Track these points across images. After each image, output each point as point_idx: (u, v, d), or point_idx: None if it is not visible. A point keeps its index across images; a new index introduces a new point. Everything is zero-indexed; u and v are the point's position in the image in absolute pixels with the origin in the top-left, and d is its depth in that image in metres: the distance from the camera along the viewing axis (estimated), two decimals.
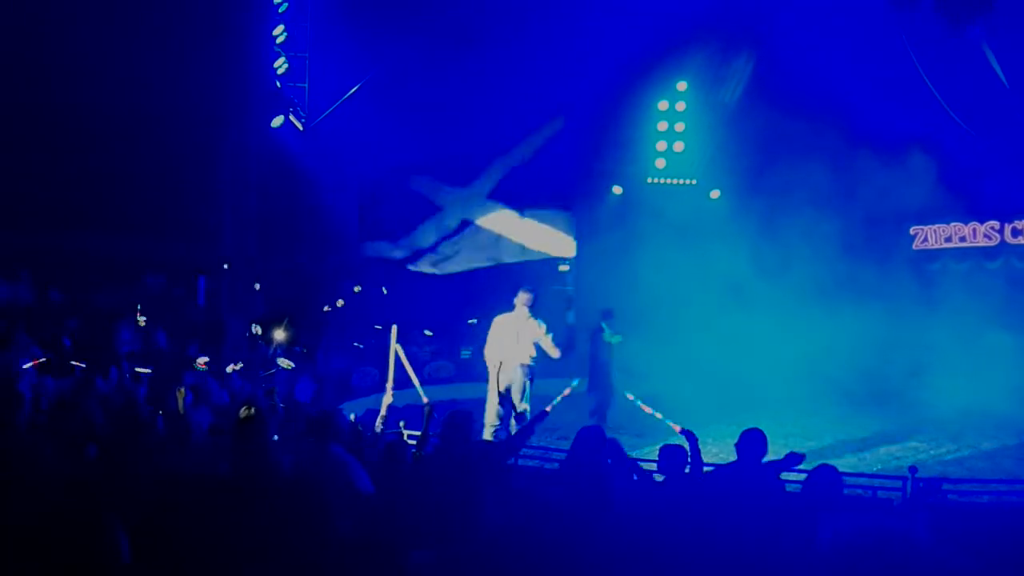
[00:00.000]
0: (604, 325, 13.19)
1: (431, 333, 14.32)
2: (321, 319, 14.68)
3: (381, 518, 5.24)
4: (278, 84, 14.85)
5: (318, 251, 15.75)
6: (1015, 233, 16.39)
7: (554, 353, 9.83)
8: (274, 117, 14.66)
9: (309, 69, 15.44)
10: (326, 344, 14.06)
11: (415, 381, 8.46)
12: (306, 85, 15.49)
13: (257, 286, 13.45)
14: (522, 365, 9.77)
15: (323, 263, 15.84)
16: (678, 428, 6.93)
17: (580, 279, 18.56)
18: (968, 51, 13.96)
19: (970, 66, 14.44)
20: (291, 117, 15.03)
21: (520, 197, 9.87)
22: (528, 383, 9.78)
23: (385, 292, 15.26)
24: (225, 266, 14.30)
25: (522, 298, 9.99)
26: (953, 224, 16.97)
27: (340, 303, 14.54)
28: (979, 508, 7.88)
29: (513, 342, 9.79)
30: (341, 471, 5.65)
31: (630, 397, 8.44)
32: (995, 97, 14.62)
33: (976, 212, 16.65)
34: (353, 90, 15.28)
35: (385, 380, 8.51)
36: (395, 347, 8.38)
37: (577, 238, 10.37)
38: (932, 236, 17.26)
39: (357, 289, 16.27)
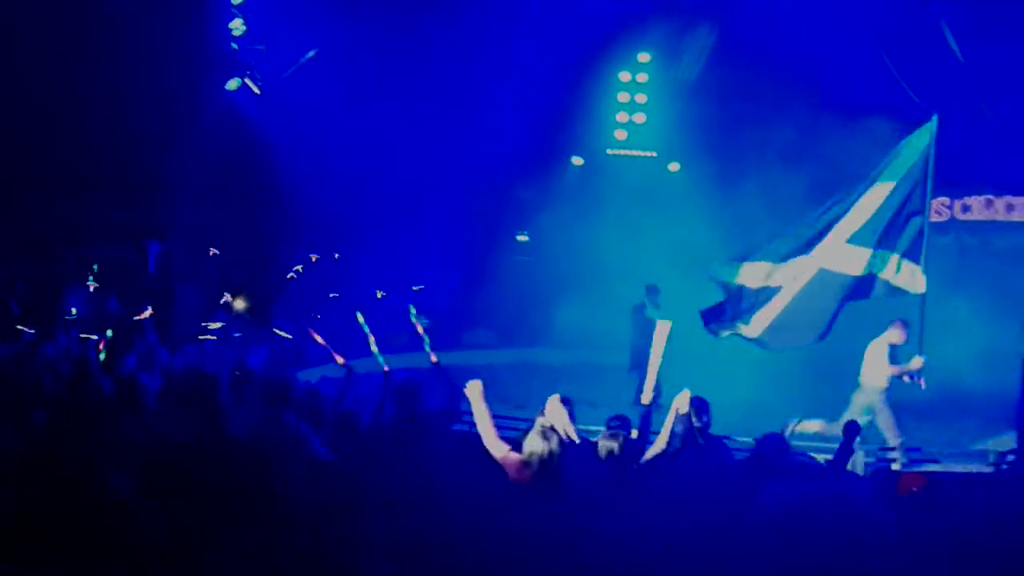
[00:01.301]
0: (647, 301, 12.88)
1: (384, 294, 14.18)
2: (276, 287, 14.50)
3: (337, 485, 5.23)
4: (235, 46, 14.52)
5: (275, 217, 15.52)
6: (964, 209, 16.76)
7: None
8: (230, 79, 14.36)
9: (267, 31, 15.09)
10: (281, 312, 13.92)
11: (374, 349, 8.37)
12: (263, 47, 15.15)
13: (212, 252, 13.21)
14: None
15: (281, 229, 15.61)
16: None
17: (539, 250, 18.65)
18: (928, 26, 14.10)
19: (929, 41, 14.57)
20: (248, 80, 14.72)
21: None
22: None
23: (337, 257, 15.10)
24: (175, 233, 14.05)
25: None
26: None
27: (298, 269, 14.36)
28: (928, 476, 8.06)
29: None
30: (294, 438, 5.63)
31: None
32: (951, 74, 14.78)
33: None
34: (312, 53, 14.98)
35: (338, 347, 8.40)
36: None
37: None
38: None
39: (314, 258, 16.09)
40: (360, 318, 8.17)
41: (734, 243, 15.69)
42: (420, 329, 8.04)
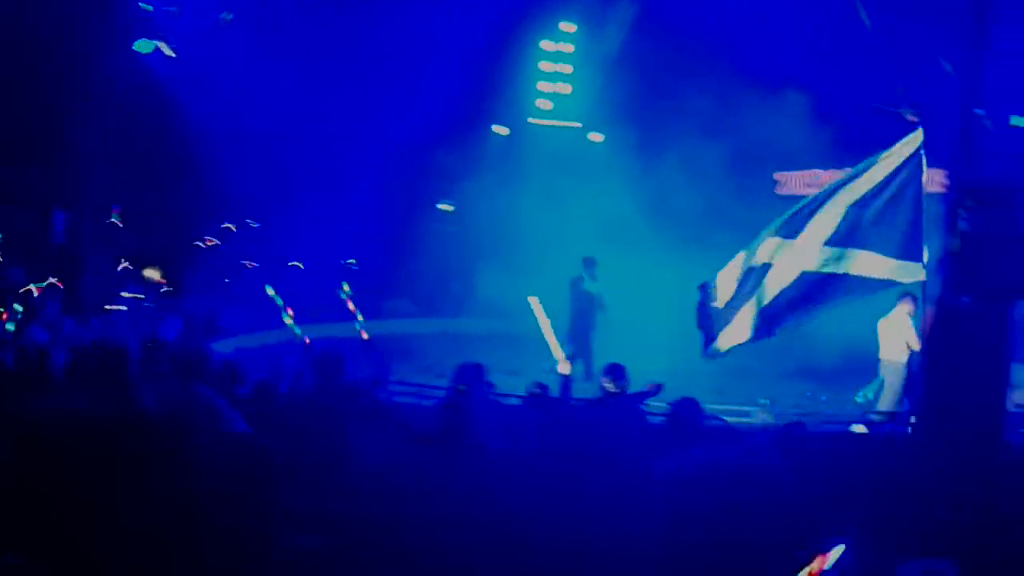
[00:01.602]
0: (584, 274, 12.22)
1: (302, 265, 13.97)
2: (189, 256, 14.14)
3: (253, 457, 5.16)
4: (147, 7, 13.98)
5: (190, 185, 15.07)
6: None
7: None
8: (141, 41, 13.82)
9: None
10: (194, 282, 13.58)
11: (289, 320, 8.27)
12: (176, 9, 14.61)
13: (113, 220, 12.78)
14: None
15: (196, 198, 15.19)
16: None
17: (461, 219, 18.58)
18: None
19: (844, 16, 14.88)
20: (161, 43, 14.19)
21: None
22: None
23: (255, 226, 14.79)
24: (83, 200, 13.53)
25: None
26: (813, 171, 17.67)
27: (211, 242, 14.01)
28: (828, 434, 8.38)
29: None
30: (209, 410, 5.52)
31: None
32: (861, 45, 15.13)
33: (837, 160, 17.43)
34: (227, 16, 14.51)
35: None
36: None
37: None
38: (792, 181, 17.92)
39: (231, 227, 15.74)
40: (271, 291, 8.03)
41: (655, 214, 16.00)
42: (351, 306, 7.98)
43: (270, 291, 8.09)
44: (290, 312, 8.10)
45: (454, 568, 3.94)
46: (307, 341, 7.52)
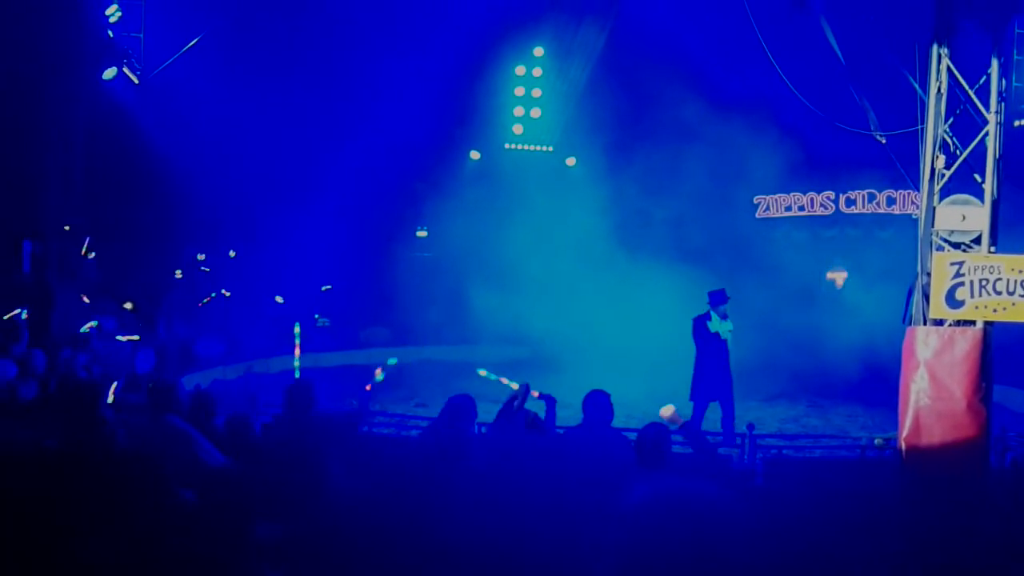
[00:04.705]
0: (713, 312, 10.17)
1: (281, 299, 13.79)
2: (163, 286, 13.91)
3: (227, 489, 5.02)
4: (110, 33, 13.80)
5: (159, 213, 14.85)
6: (848, 203, 17.69)
7: None
8: (106, 69, 13.63)
9: (145, 18, 14.40)
10: (168, 312, 13.36)
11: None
12: (142, 35, 14.45)
13: (91, 254, 12.52)
14: None
15: (166, 227, 14.96)
16: (536, 393, 6.97)
17: (437, 245, 18.50)
18: (810, 25, 14.50)
19: (812, 40, 15.02)
20: (125, 69, 14.01)
21: None
22: None
23: (233, 256, 14.60)
24: (65, 228, 13.26)
25: None
26: (793, 194, 17.99)
27: (179, 273, 13.78)
28: (813, 462, 8.34)
29: None
30: (181, 442, 5.38)
31: (483, 373, 8.34)
32: (832, 72, 15.31)
33: (815, 183, 17.73)
34: (193, 42, 14.36)
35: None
36: None
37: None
38: (773, 205, 18.21)
39: (201, 256, 15.53)
40: (297, 328, 7.90)
41: (628, 234, 16.04)
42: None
43: (296, 329, 7.95)
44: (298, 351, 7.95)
45: None
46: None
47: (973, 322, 6.94)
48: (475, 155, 18.77)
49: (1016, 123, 12.59)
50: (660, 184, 16.12)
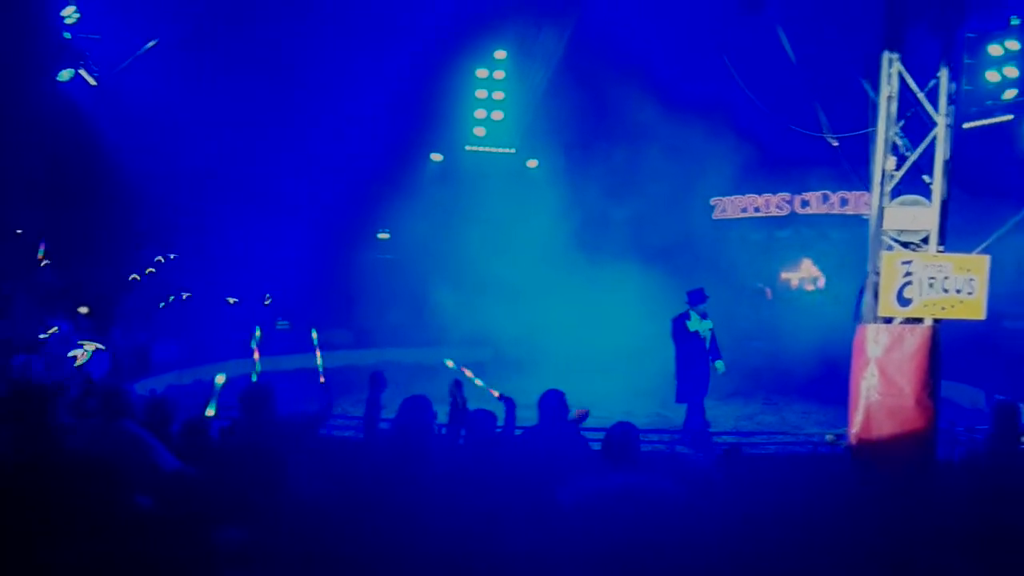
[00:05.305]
0: (692, 312, 10.28)
1: (234, 300, 13.67)
2: (119, 289, 13.72)
3: (186, 494, 4.99)
4: (67, 35, 13.61)
5: (116, 217, 14.65)
6: (803, 204, 17.99)
7: None
8: (62, 70, 13.44)
9: (103, 19, 14.21)
10: (124, 316, 13.19)
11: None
12: (99, 36, 14.26)
13: (45, 262, 12.33)
14: None
15: (121, 230, 14.77)
16: (496, 394, 7.02)
17: (399, 247, 18.47)
18: (764, 29, 14.73)
19: (767, 44, 15.25)
20: (82, 71, 13.82)
21: None
22: None
23: (172, 258, 14.44)
24: (18, 232, 13.04)
25: None
26: (748, 196, 18.26)
27: (136, 276, 13.60)
28: (767, 457, 8.48)
29: None
30: (136, 447, 5.33)
31: (450, 364, 8.38)
32: (786, 76, 15.55)
33: (770, 185, 18.00)
34: (152, 44, 14.21)
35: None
36: None
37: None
38: (730, 207, 18.47)
39: (162, 259, 15.36)
40: (258, 332, 7.82)
41: (589, 235, 16.15)
42: (319, 357, 7.90)
43: (257, 332, 7.86)
44: (257, 355, 7.88)
45: None
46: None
47: (922, 320, 7.10)
48: (437, 157, 18.77)
49: (965, 125, 12.87)
50: (620, 186, 16.27)
